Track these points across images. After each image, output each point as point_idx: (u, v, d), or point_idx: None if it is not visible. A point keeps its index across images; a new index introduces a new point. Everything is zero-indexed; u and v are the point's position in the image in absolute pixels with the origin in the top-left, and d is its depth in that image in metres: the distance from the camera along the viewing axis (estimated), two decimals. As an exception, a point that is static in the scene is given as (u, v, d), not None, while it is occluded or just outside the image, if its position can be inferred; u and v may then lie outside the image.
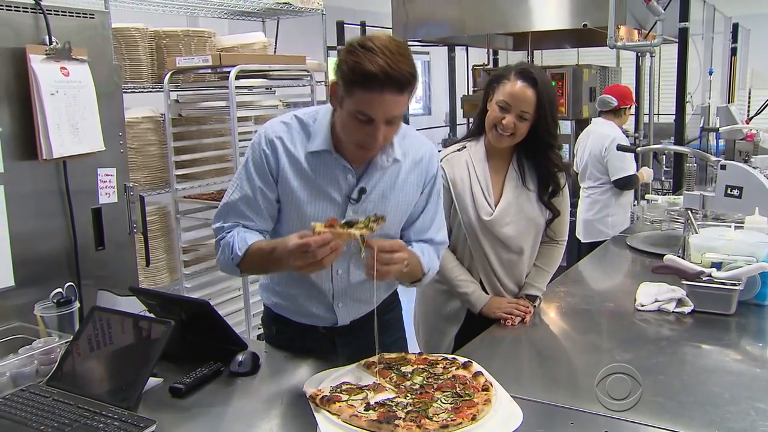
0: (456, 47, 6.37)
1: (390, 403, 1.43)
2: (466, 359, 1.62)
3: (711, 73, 7.03)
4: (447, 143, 3.45)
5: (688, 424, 1.42)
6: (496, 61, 6.71)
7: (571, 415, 1.44)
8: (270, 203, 1.68)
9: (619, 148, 3.83)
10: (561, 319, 2.17)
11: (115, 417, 1.39)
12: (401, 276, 1.67)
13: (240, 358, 1.64)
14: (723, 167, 2.50)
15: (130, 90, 3.16)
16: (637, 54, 5.69)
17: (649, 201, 3.54)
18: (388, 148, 1.65)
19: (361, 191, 1.66)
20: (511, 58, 6.75)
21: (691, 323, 2.03)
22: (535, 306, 2.14)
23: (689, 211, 2.55)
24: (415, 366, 1.60)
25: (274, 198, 1.68)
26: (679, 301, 2.11)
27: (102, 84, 2.38)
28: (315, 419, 1.39)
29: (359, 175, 1.66)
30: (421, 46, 6.57)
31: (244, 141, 3.60)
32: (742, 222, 2.36)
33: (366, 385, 1.51)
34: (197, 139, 3.62)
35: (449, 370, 1.58)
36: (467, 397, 1.44)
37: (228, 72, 3.25)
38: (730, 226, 2.29)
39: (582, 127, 4.64)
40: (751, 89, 8.33)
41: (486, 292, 2.13)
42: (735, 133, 4.71)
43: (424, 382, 1.52)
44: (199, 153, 3.61)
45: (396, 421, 1.33)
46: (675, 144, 4.76)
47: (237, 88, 3.30)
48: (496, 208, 2.07)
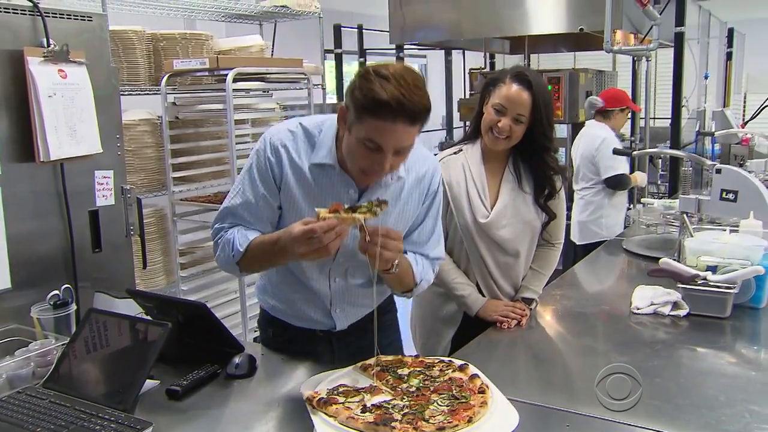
0: (453, 51, 6.38)
1: (387, 405, 1.43)
2: (462, 362, 1.62)
3: (707, 77, 7.06)
4: (444, 146, 3.46)
5: (683, 427, 1.43)
6: (492, 65, 6.72)
7: (567, 418, 1.45)
8: (272, 210, 1.67)
9: (615, 152, 3.84)
10: (557, 322, 2.17)
11: (112, 419, 1.38)
12: (392, 280, 1.67)
13: (237, 360, 1.64)
14: (718, 171, 2.51)
15: (127, 92, 3.15)
16: (633, 58, 5.73)
17: (645, 204, 3.54)
18: None
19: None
20: (508, 62, 6.77)
21: (687, 326, 2.03)
22: (531, 309, 2.15)
23: (685, 215, 2.56)
24: (411, 368, 1.60)
25: (276, 205, 1.67)
26: (675, 305, 2.12)
27: (99, 86, 2.39)
28: (312, 421, 1.39)
29: (362, 191, 1.66)
30: (418, 49, 6.58)
31: (241, 144, 3.61)
32: (737, 226, 2.36)
33: (363, 388, 1.51)
34: (194, 142, 3.61)
35: (446, 372, 1.59)
36: (463, 400, 1.44)
37: (225, 75, 3.25)
38: (725, 230, 2.30)
39: (578, 131, 4.65)
40: (746, 93, 8.36)
41: (482, 294, 2.14)
42: (730, 137, 4.73)
43: (421, 385, 1.53)
44: (196, 156, 3.60)
45: (393, 423, 1.34)
46: (671, 148, 4.78)
47: (234, 91, 3.29)
48: (492, 210, 2.08)
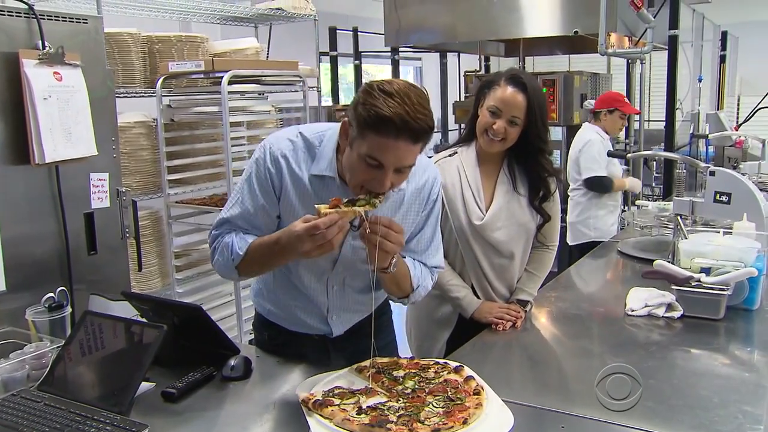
0: (448, 53, 6.39)
1: (382, 407, 1.44)
2: (457, 364, 1.63)
3: (700, 80, 7.09)
4: (438, 149, 3.45)
5: (677, 428, 1.43)
6: (487, 68, 6.74)
7: (562, 419, 1.46)
8: (271, 219, 1.66)
9: (609, 154, 3.85)
10: (552, 324, 2.18)
11: (108, 422, 1.38)
12: (389, 281, 1.66)
13: (232, 362, 1.64)
14: (712, 173, 2.52)
15: (122, 95, 3.15)
16: (627, 61, 5.74)
17: (639, 207, 3.56)
18: None
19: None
20: (503, 65, 6.78)
21: (681, 328, 2.04)
22: (526, 311, 2.15)
23: (679, 217, 2.57)
24: (406, 370, 1.61)
25: (275, 214, 1.66)
26: (669, 306, 2.13)
27: (95, 89, 2.39)
28: (307, 423, 1.39)
29: None
30: (413, 52, 6.59)
31: (237, 146, 3.61)
32: (731, 228, 2.38)
33: (358, 390, 1.51)
34: (189, 144, 3.62)
35: (441, 374, 1.59)
36: (459, 401, 1.44)
37: (220, 77, 3.25)
38: (719, 232, 2.31)
39: (573, 133, 4.66)
40: (740, 96, 8.39)
41: (477, 296, 2.14)
42: (724, 139, 4.75)
43: (416, 386, 1.53)
44: (191, 158, 3.61)
45: (388, 425, 1.34)
46: (665, 150, 4.79)
47: (229, 93, 3.30)
48: (487, 212, 2.09)
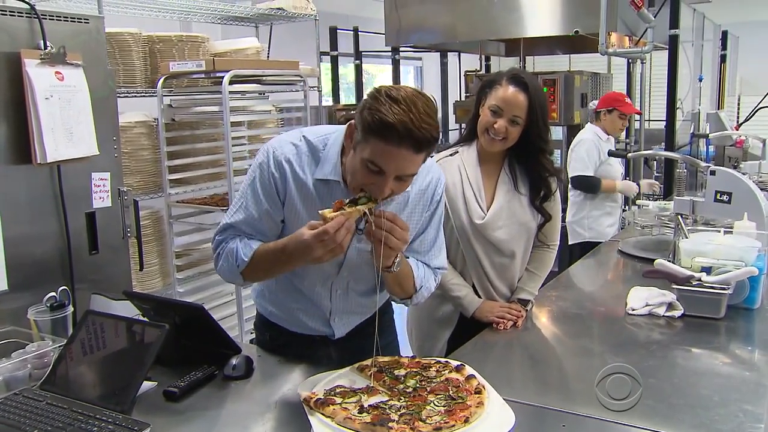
0: (448, 53, 6.39)
1: (383, 405, 1.44)
2: (459, 362, 1.63)
3: (701, 79, 7.08)
4: (439, 149, 3.44)
5: (678, 426, 1.44)
6: (488, 67, 6.74)
7: (563, 418, 1.46)
8: (275, 224, 1.65)
9: (610, 154, 3.85)
10: (553, 324, 2.18)
11: (109, 420, 1.39)
12: (392, 280, 1.66)
13: (234, 361, 1.65)
14: (713, 173, 2.52)
15: (123, 95, 3.16)
16: (628, 60, 5.74)
17: (640, 206, 3.56)
18: None
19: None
20: (503, 64, 6.79)
21: (681, 327, 2.04)
22: (527, 310, 2.15)
23: (679, 216, 2.57)
24: (408, 369, 1.61)
25: (279, 219, 1.65)
26: (670, 305, 2.13)
27: (96, 89, 2.39)
28: (309, 422, 1.39)
29: None
30: (414, 51, 6.59)
31: (237, 146, 3.61)
32: (732, 227, 2.38)
33: (360, 388, 1.52)
34: (190, 144, 3.62)
35: (442, 373, 1.59)
36: (460, 400, 1.45)
37: (221, 77, 3.25)
38: (719, 231, 2.32)
39: (574, 133, 4.65)
40: (740, 96, 8.38)
41: (478, 295, 2.14)
42: (724, 139, 4.75)
43: (417, 385, 1.53)
44: (192, 158, 3.61)
45: (389, 424, 1.34)
46: (666, 150, 4.79)
47: (230, 93, 3.30)
48: (488, 211, 2.09)
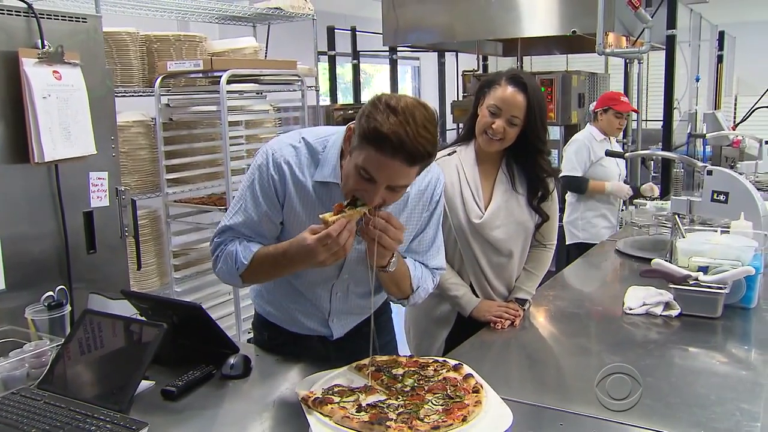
0: (446, 53, 6.39)
1: (381, 404, 1.44)
2: (456, 362, 1.64)
3: (698, 80, 7.09)
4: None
5: (675, 425, 1.44)
6: (485, 67, 6.74)
7: (561, 417, 1.46)
8: (274, 226, 1.65)
9: (608, 153, 3.85)
10: (550, 323, 2.19)
11: (107, 420, 1.39)
12: (389, 280, 1.66)
13: (232, 361, 1.65)
14: (709, 173, 2.53)
15: (120, 94, 3.15)
16: (625, 60, 5.76)
17: (637, 206, 3.57)
18: None
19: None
20: (501, 64, 6.80)
21: (678, 326, 2.05)
22: (524, 309, 2.16)
23: (676, 216, 2.58)
24: (406, 368, 1.61)
25: (278, 221, 1.64)
26: (667, 305, 2.14)
27: (94, 88, 2.39)
28: (307, 421, 1.39)
29: None
30: (411, 51, 6.59)
31: (235, 145, 3.61)
32: (728, 227, 2.39)
33: (358, 388, 1.52)
34: (188, 144, 3.62)
35: (440, 372, 1.60)
36: (458, 399, 1.45)
37: (219, 76, 3.25)
38: (716, 231, 2.32)
39: (571, 133, 4.65)
40: (737, 96, 8.40)
41: (476, 295, 2.15)
42: (721, 139, 4.77)
43: (416, 384, 1.53)
44: (189, 157, 3.60)
45: (387, 423, 1.35)
46: (663, 150, 4.80)
47: (228, 92, 3.30)
48: (486, 211, 2.09)
